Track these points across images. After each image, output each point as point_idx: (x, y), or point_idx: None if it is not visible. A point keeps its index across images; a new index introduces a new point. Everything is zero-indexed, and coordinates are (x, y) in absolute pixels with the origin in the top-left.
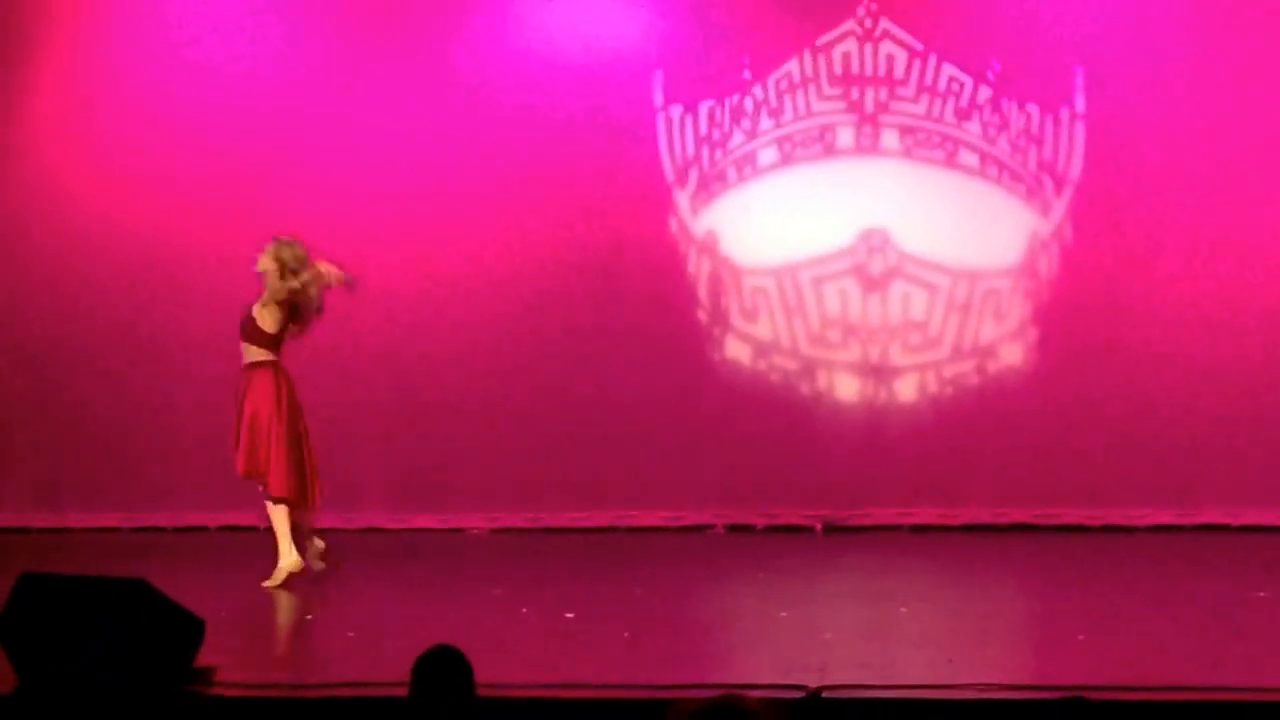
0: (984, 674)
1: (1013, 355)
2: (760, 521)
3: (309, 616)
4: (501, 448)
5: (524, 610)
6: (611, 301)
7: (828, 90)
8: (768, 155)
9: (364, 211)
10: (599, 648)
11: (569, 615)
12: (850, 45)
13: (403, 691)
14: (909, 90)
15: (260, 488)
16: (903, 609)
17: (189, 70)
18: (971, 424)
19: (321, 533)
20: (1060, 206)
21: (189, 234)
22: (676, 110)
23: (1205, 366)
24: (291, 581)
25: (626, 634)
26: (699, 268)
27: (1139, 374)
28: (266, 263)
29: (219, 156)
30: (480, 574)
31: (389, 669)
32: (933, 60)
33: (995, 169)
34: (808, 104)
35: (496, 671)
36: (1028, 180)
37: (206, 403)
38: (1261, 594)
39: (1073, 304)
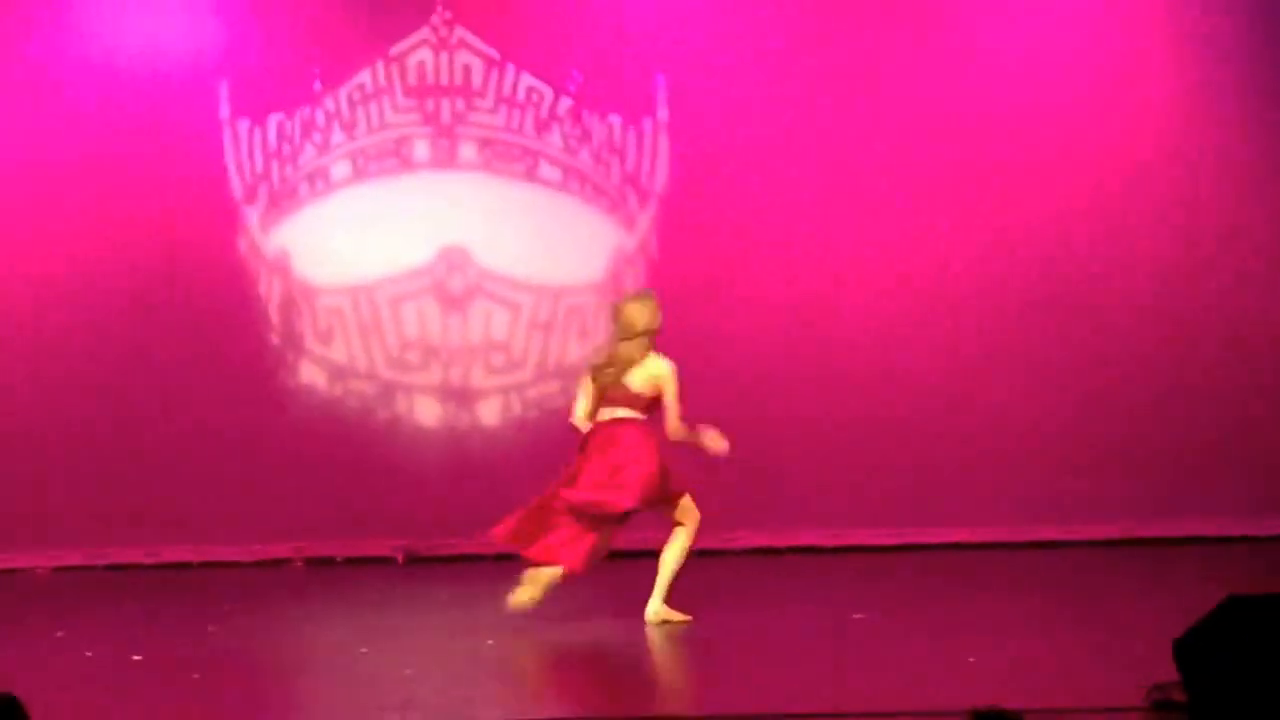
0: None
1: None
2: (340, 553)
3: None
4: (62, 479)
5: (89, 654)
6: (178, 325)
7: (402, 101)
8: (341, 170)
9: None
10: (168, 692)
11: (137, 658)
12: (425, 54)
13: None
14: (487, 101)
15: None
16: (490, 641)
17: None
18: (554, 446)
19: None
20: (645, 219)
21: None
22: (244, 123)
23: (821, 370)
24: None
25: (198, 676)
26: (271, 288)
27: (734, 387)
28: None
29: None
30: (42, 616)
31: None
32: (511, 70)
33: (577, 182)
34: (381, 116)
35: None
36: (611, 193)
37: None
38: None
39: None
